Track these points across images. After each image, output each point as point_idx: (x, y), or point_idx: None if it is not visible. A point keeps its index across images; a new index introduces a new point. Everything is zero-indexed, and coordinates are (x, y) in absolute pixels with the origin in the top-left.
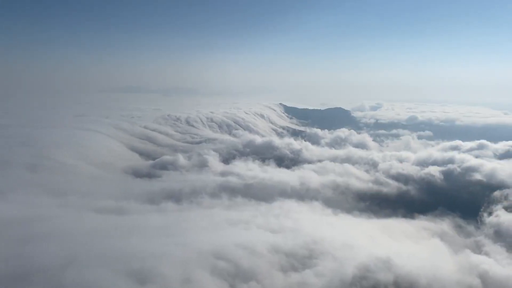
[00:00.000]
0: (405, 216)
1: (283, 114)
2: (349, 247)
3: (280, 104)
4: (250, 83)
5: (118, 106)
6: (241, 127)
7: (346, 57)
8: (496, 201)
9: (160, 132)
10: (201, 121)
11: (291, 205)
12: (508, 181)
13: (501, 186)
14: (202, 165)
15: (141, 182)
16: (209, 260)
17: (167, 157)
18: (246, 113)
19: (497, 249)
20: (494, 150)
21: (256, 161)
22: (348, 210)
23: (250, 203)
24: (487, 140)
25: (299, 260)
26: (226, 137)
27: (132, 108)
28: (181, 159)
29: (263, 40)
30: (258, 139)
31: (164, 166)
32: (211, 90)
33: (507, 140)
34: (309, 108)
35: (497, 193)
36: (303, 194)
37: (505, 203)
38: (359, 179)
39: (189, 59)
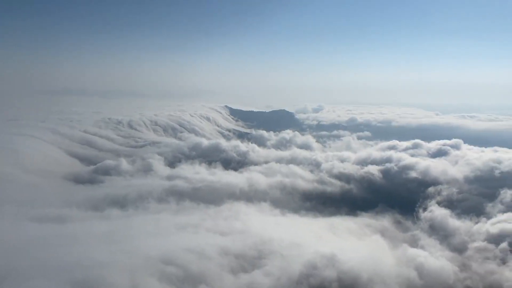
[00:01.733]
0: (348, 214)
1: (228, 117)
2: (296, 245)
3: (226, 106)
4: (194, 85)
5: (55, 109)
6: (186, 130)
7: (287, 60)
8: (430, 197)
9: (101, 136)
10: (145, 124)
11: (239, 207)
12: (441, 177)
13: (434, 182)
14: (147, 169)
15: (83, 188)
16: (157, 266)
17: (110, 162)
18: (192, 116)
19: (431, 242)
20: (427, 149)
21: (203, 164)
22: (295, 210)
23: (199, 206)
24: (421, 139)
25: (248, 261)
26: (172, 140)
27: (70, 111)
28: (124, 163)
29: (206, 42)
30: (205, 142)
31: (106, 171)
32: (154, 92)
33: (439, 139)
34: (254, 110)
35: (431, 189)
36: (251, 196)
37: (438, 199)
38: (304, 179)
39: (130, 60)
